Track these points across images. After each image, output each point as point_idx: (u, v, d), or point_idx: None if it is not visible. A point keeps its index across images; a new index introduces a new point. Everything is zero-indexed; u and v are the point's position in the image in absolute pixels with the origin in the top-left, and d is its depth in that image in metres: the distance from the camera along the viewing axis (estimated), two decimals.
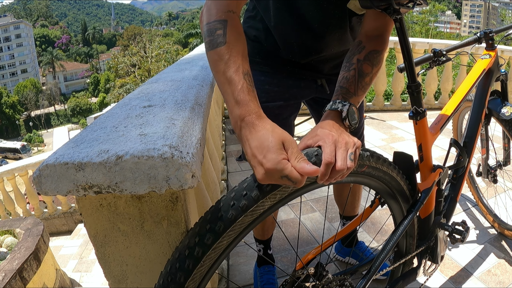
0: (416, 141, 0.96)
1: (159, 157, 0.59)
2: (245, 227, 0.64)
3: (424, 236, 1.04)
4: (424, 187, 0.96)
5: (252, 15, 1.10)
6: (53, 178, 0.61)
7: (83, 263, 3.53)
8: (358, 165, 0.72)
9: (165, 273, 0.64)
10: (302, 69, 1.10)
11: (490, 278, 1.50)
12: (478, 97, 1.38)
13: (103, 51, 73.03)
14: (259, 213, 0.64)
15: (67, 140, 0.71)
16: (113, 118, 0.78)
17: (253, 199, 0.61)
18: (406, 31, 0.81)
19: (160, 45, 26.92)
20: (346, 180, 0.73)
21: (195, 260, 0.62)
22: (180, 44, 39.11)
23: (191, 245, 0.62)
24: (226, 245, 0.63)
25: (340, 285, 0.83)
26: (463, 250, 1.69)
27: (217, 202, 0.64)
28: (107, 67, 44.45)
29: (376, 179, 0.80)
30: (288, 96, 1.14)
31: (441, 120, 1.10)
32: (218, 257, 0.64)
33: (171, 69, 1.47)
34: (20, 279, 2.11)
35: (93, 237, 0.73)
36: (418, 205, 0.92)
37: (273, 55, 1.08)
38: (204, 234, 0.62)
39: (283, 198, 0.66)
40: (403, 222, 0.90)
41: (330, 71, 1.12)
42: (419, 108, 0.90)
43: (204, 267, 0.63)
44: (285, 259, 1.70)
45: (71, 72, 60.84)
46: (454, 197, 1.21)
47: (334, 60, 1.10)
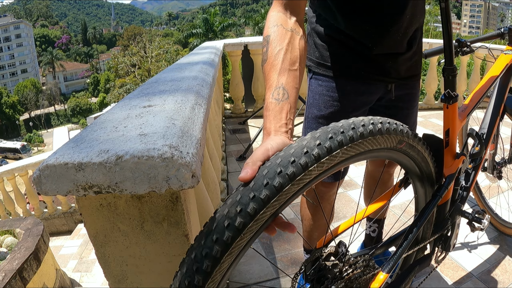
0: (443, 126, 0.95)
1: (159, 157, 0.59)
2: (292, 194, 0.57)
3: (440, 223, 1.04)
4: (449, 172, 0.95)
5: (316, 14, 1.06)
6: (53, 178, 0.61)
7: (83, 263, 3.53)
8: (398, 141, 0.71)
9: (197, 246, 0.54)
10: (376, 73, 1.05)
11: (490, 278, 1.50)
12: (498, 91, 1.38)
13: (103, 51, 73.03)
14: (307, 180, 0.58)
15: (67, 140, 0.71)
16: (113, 118, 0.78)
17: (301, 166, 0.56)
18: (450, 12, 0.81)
19: (160, 45, 26.93)
20: (382, 155, 0.72)
21: (235, 231, 0.53)
22: (180, 44, 39.14)
23: (232, 214, 0.53)
24: (269, 215, 0.56)
25: (365, 266, 0.81)
26: (463, 250, 1.69)
27: (261, 169, 0.56)
28: (107, 67, 44.51)
29: (410, 158, 0.80)
30: (359, 103, 1.09)
31: (468, 107, 1.10)
32: (259, 227, 0.56)
33: (171, 69, 1.47)
34: (20, 279, 2.11)
35: (93, 237, 0.73)
36: (443, 189, 0.92)
37: (345, 55, 1.03)
38: (247, 203, 0.53)
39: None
40: (428, 206, 0.90)
41: (405, 73, 1.09)
42: (453, 92, 0.89)
43: (244, 240, 0.55)
44: (285, 259, 1.70)
45: (71, 72, 60.83)
46: (468, 187, 1.21)
47: (410, 60, 1.07)
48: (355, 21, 0.97)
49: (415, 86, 1.16)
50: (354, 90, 1.06)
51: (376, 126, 0.65)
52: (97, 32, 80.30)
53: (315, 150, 0.57)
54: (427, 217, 0.90)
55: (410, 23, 0.98)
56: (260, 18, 25.78)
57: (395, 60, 1.04)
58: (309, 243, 1.35)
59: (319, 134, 0.60)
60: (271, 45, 0.73)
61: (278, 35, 0.74)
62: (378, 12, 0.95)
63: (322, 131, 0.60)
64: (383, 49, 1.00)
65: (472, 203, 2.08)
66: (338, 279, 0.74)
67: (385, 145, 0.69)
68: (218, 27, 24.02)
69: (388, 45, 0.99)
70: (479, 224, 1.06)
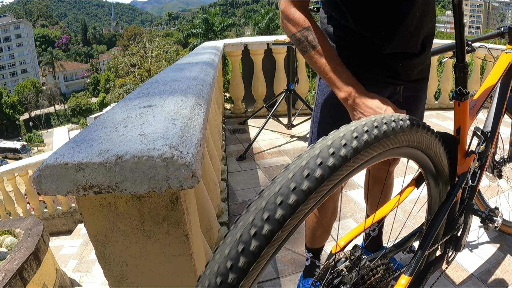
0: (454, 124, 0.94)
1: (159, 157, 0.59)
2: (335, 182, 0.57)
3: (450, 224, 1.03)
4: (462, 171, 0.94)
5: (328, 15, 1.07)
6: (53, 178, 0.61)
7: (83, 263, 3.53)
8: (417, 138, 0.71)
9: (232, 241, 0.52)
10: (385, 75, 1.04)
11: (490, 278, 1.50)
12: (500, 90, 1.38)
13: (103, 51, 73.00)
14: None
15: (67, 140, 0.71)
16: (113, 118, 0.78)
17: (341, 157, 0.56)
18: (463, 9, 0.80)
19: (160, 45, 26.91)
20: (399, 152, 0.71)
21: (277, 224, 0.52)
22: (180, 44, 39.13)
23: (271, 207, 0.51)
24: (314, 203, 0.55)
25: (384, 269, 0.79)
26: (463, 250, 1.69)
27: (298, 159, 0.56)
28: (107, 67, 44.50)
29: (426, 155, 0.79)
30: None
31: (476, 105, 1.09)
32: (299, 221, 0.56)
33: (171, 69, 1.47)
34: (20, 279, 2.11)
35: (93, 237, 0.73)
36: (457, 188, 0.91)
37: (354, 56, 1.03)
38: (288, 194, 0.52)
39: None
40: (444, 205, 0.89)
41: (416, 76, 1.08)
42: (464, 89, 0.88)
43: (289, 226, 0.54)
44: (285, 259, 1.70)
45: (71, 72, 60.80)
46: (475, 185, 1.21)
47: (423, 63, 1.07)
48: (363, 19, 0.96)
49: (422, 89, 1.15)
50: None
51: (398, 124, 0.64)
52: (97, 32, 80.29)
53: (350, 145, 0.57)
54: (443, 216, 0.89)
55: (420, 21, 0.97)
56: (260, 18, 25.76)
57: (406, 62, 1.02)
58: (312, 241, 1.35)
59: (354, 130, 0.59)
60: (315, 31, 0.91)
61: (315, 25, 0.92)
62: (386, 9, 0.94)
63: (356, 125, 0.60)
64: (393, 48, 0.99)
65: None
66: (360, 285, 0.73)
67: (406, 143, 0.68)
68: (218, 27, 24.01)
69: (399, 44, 0.98)
70: (493, 223, 1.04)
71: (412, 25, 0.96)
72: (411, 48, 1.00)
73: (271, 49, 4.00)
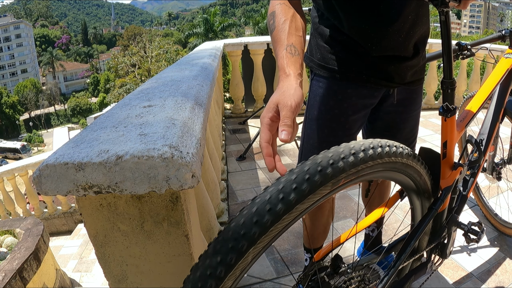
0: (441, 138, 0.93)
1: (159, 157, 0.59)
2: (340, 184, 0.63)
3: (436, 232, 1.03)
4: (446, 185, 0.94)
5: (319, 14, 1.06)
6: (53, 178, 0.61)
7: (83, 263, 3.53)
8: (395, 162, 0.73)
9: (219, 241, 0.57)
10: (377, 77, 1.02)
11: (490, 278, 1.50)
12: (498, 96, 1.37)
13: (103, 51, 73.00)
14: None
15: (67, 140, 0.71)
16: (113, 118, 0.78)
17: (351, 162, 0.63)
18: (450, 26, 0.79)
19: (160, 45, 26.91)
20: (376, 176, 0.72)
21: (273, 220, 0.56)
22: (180, 44, 39.10)
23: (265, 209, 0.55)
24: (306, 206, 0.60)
25: (360, 280, 0.81)
26: (463, 250, 1.69)
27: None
28: (107, 67, 44.46)
29: (406, 175, 0.80)
30: (360, 106, 1.08)
31: (467, 117, 1.08)
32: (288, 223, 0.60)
33: (171, 69, 1.47)
34: (20, 279, 2.11)
35: (93, 237, 0.73)
36: (439, 203, 0.91)
37: (346, 57, 1.02)
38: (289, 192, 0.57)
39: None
40: (424, 220, 0.90)
41: (410, 78, 1.06)
42: (451, 105, 0.88)
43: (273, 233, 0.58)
44: (285, 259, 1.70)
45: (71, 72, 60.79)
46: (466, 194, 1.20)
47: (417, 65, 1.05)
48: (353, 20, 0.95)
49: (417, 91, 1.14)
50: (355, 93, 1.05)
51: (376, 151, 0.67)
52: (97, 32, 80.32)
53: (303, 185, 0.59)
54: (423, 230, 0.89)
55: (413, 24, 0.96)
56: (260, 18, 25.74)
57: (399, 65, 1.01)
58: (310, 242, 1.35)
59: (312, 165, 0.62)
60: (277, 17, 0.85)
61: (283, 9, 0.86)
62: (375, 11, 0.93)
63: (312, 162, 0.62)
64: (383, 51, 0.97)
65: (472, 203, 2.08)
66: None
67: (382, 167, 0.71)
68: (218, 27, 24.00)
69: (389, 47, 0.97)
70: (475, 236, 1.05)
71: (404, 28, 0.95)
72: (403, 52, 0.99)
73: (271, 49, 4.00)
